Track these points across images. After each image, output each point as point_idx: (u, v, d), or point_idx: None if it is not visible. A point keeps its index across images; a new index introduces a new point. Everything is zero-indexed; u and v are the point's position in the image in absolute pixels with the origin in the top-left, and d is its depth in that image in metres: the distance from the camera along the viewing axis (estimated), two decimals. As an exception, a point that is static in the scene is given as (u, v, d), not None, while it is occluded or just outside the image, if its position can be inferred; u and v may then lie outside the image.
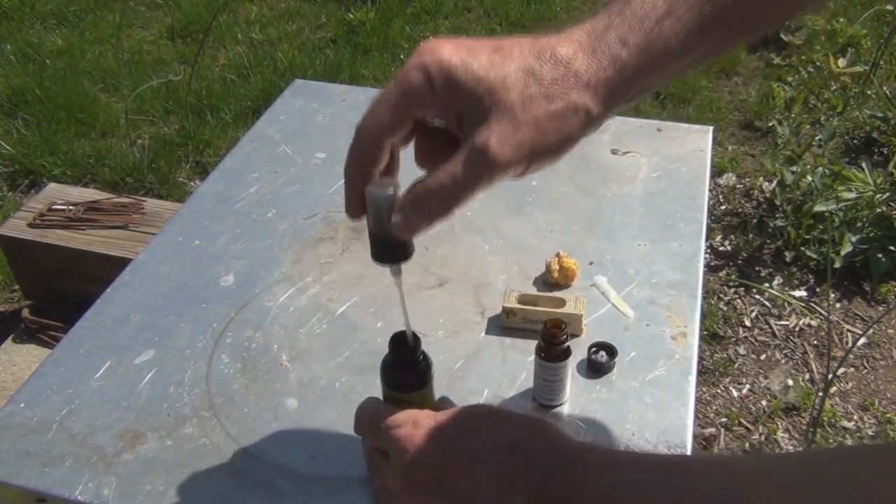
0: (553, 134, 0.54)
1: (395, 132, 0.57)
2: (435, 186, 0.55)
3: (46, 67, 3.15)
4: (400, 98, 0.56)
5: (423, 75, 0.55)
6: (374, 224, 0.61)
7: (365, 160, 0.58)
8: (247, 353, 0.91)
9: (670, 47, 0.55)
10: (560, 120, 0.54)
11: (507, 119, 0.53)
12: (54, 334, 1.87)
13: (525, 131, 0.54)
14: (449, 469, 0.62)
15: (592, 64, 0.54)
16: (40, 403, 0.86)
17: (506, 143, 0.53)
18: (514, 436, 0.62)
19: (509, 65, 0.54)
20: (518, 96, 0.53)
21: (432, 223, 0.57)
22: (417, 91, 0.55)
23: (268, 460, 0.79)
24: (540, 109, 0.53)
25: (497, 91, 0.53)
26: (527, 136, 0.54)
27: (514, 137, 0.53)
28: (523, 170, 0.56)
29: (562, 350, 0.80)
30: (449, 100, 0.55)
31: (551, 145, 0.55)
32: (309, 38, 3.43)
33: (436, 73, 0.55)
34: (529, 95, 0.53)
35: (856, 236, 2.24)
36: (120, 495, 0.76)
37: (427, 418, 0.65)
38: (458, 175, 0.55)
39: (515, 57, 0.55)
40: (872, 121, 2.77)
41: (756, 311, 2.19)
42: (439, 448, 0.63)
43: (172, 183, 2.62)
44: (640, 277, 0.99)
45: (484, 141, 0.54)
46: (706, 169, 1.18)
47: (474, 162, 0.54)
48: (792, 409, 1.93)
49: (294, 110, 1.34)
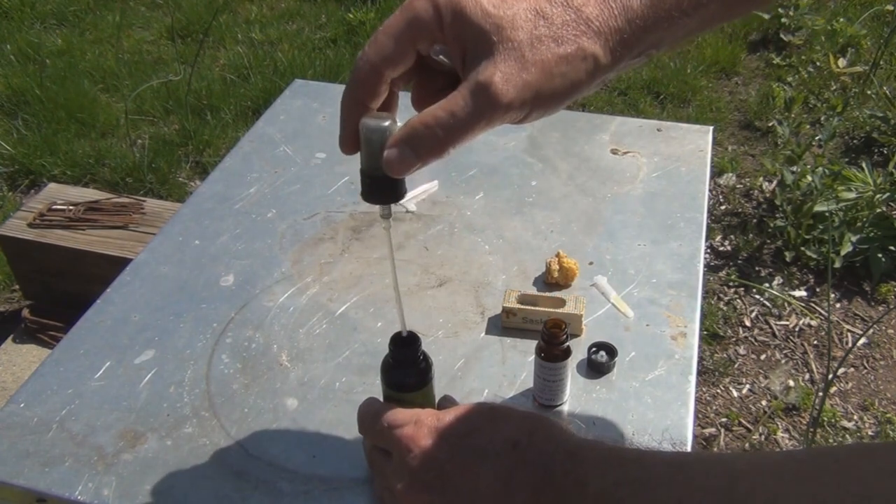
0: (559, 78, 0.52)
1: (396, 63, 0.55)
2: (431, 121, 0.53)
3: (46, 67, 3.15)
4: (405, 27, 0.54)
5: (430, 5, 0.53)
6: (367, 159, 0.58)
7: (362, 91, 0.56)
8: (247, 353, 0.91)
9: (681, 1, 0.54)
10: (568, 64, 0.52)
11: (514, 58, 0.51)
12: (54, 334, 1.87)
13: (532, 72, 0.52)
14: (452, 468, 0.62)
15: (604, 11, 0.53)
16: (40, 403, 0.86)
17: (511, 81, 0.52)
18: (516, 434, 0.62)
19: (520, 4, 0.52)
20: (527, 36, 0.52)
21: (426, 161, 0.55)
22: (424, 21, 0.53)
23: (268, 460, 0.79)
24: (548, 51, 0.52)
25: (505, 28, 0.52)
26: (533, 76, 0.52)
27: (520, 77, 0.52)
28: (525, 114, 0.54)
29: (562, 350, 0.80)
30: (455, 32, 0.53)
31: (557, 90, 0.53)
32: (309, 38, 3.43)
33: (444, 4, 0.53)
34: (538, 36, 0.52)
35: (856, 236, 2.24)
36: (120, 495, 0.76)
37: (429, 417, 0.65)
38: (458, 111, 0.52)
39: None
40: (872, 121, 2.77)
41: (756, 311, 2.19)
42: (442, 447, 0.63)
43: (172, 183, 2.63)
44: (640, 277, 0.99)
45: (488, 77, 0.52)
46: (706, 169, 1.18)
47: (476, 98, 0.52)
48: (792, 409, 1.93)
49: (294, 110, 1.34)
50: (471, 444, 0.63)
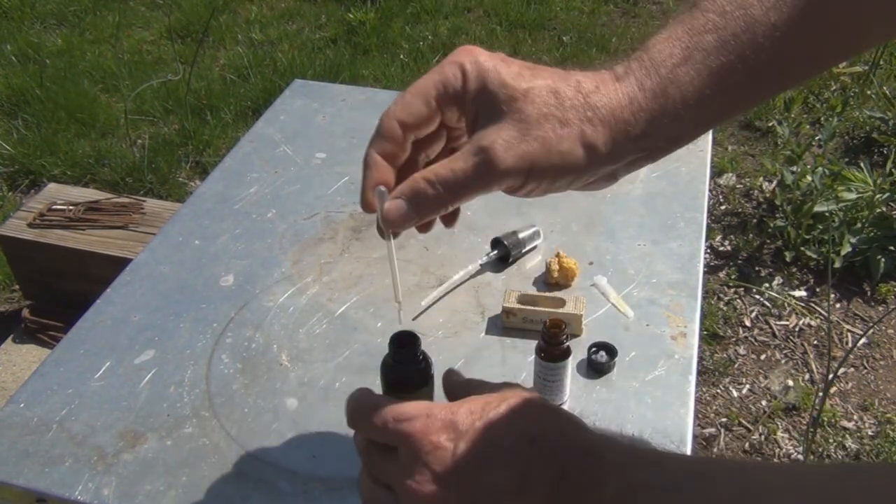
0: (557, 156, 0.55)
1: (419, 121, 0.57)
2: (433, 177, 0.56)
3: (46, 67, 3.15)
4: (432, 88, 0.56)
5: (459, 72, 0.56)
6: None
7: (385, 147, 0.58)
8: (247, 353, 0.91)
9: (685, 95, 0.55)
10: (567, 145, 0.55)
11: (518, 129, 0.54)
12: (54, 334, 1.87)
13: (532, 144, 0.54)
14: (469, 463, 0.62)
15: (612, 101, 0.55)
16: (40, 403, 0.86)
17: (510, 150, 0.54)
18: (532, 428, 0.62)
19: (537, 80, 0.55)
20: (536, 111, 0.54)
21: (424, 217, 0.57)
22: (451, 84, 0.56)
23: (268, 460, 0.79)
24: (552, 130, 0.54)
25: (518, 100, 0.55)
26: (532, 149, 0.54)
27: (520, 147, 0.54)
28: (521, 183, 0.56)
29: (562, 350, 0.80)
30: (473, 97, 0.56)
31: (554, 166, 0.55)
32: (309, 38, 3.43)
33: (471, 71, 0.56)
34: (546, 114, 0.54)
35: (856, 236, 2.24)
36: (120, 495, 0.76)
37: (442, 411, 0.64)
38: (458, 170, 0.55)
39: (545, 76, 0.56)
40: (872, 121, 2.77)
41: (756, 311, 2.19)
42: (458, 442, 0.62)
43: (172, 183, 2.62)
44: (640, 277, 0.99)
45: (490, 142, 0.54)
46: (706, 169, 1.18)
47: (476, 160, 0.55)
48: (792, 409, 1.93)
49: (294, 110, 1.34)
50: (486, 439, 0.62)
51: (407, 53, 3.28)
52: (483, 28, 3.51)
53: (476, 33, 3.46)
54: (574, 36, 3.42)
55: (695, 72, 0.55)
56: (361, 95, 1.38)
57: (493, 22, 3.54)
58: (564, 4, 3.66)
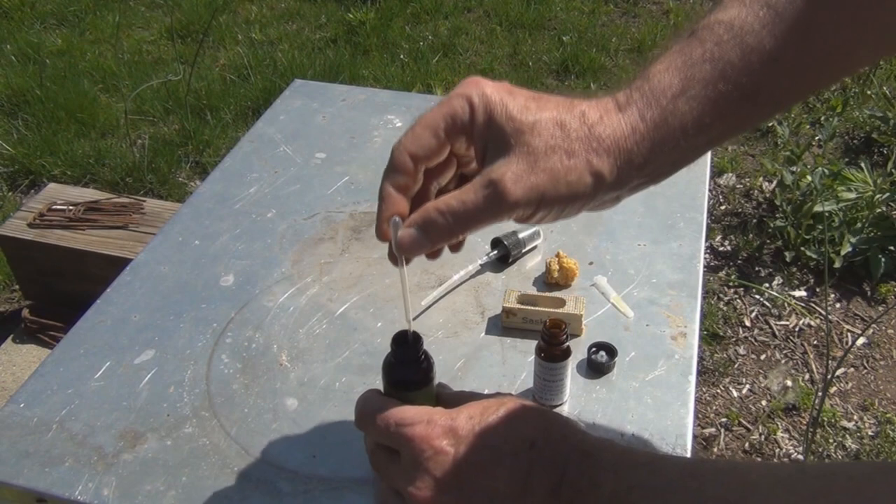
0: (564, 187, 0.57)
1: (430, 153, 0.60)
2: (445, 208, 0.58)
3: (46, 67, 3.15)
4: (441, 121, 0.59)
5: (467, 104, 0.58)
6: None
7: (399, 178, 0.60)
8: (247, 353, 0.91)
9: (685, 123, 0.57)
10: (574, 175, 0.57)
11: (527, 161, 0.56)
12: (54, 334, 1.87)
13: (540, 176, 0.56)
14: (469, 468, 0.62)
15: (616, 131, 0.57)
16: (40, 403, 0.86)
17: (520, 182, 0.56)
18: (531, 433, 0.63)
19: (542, 112, 0.58)
20: (543, 144, 0.57)
21: (436, 244, 0.60)
22: (459, 117, 0.58)
23: (268, 460, 0.79)
24: (559, 161, 0.57)
25: (525, 133, 0.57)
26: (540, 180, 0.56)
27: (529, 179, 0.56)
28: (531, 213, 0.58)
29: (562, 350, 0.80)
30: (481, 131, 0.58)
31: (562, 196, 0.57)
32: (309, 38, 3.43)
33: (478, 104, 0.58)
34: (553, 146, 0.57)
35: (856, 236, 2.24)
36: (120, 495, 0.76)
37: (442, 416, 0.65)
38: (469, 202, 0.57)
39: (550, 108, 0.58)
40: (872, 121, 2.77)
41: (756, 311, 2.19)
42: (459, 447, 0.63)
43: (172, 183, 2.63)
44: (640, 277, 1.00)
45: (500, 176, 0.57)
46: (706, 169, 1.18)
47: (487, 192, 0.57)
48: (792, 409, 1.93)
49: (294, 110, 1.34)
50: (486, 443, 0.63)
51: (407, 53, 3.28)
52: (483, 28, 3.51)
53: (476, 33, 3.46)
54: (574, 36, 3.42)
55: (694, 102, 0.57)
56: (361, 95, 1.38)
57: (493, 22, 3.54)
58: (564, 4, 3.66)
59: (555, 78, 3.19)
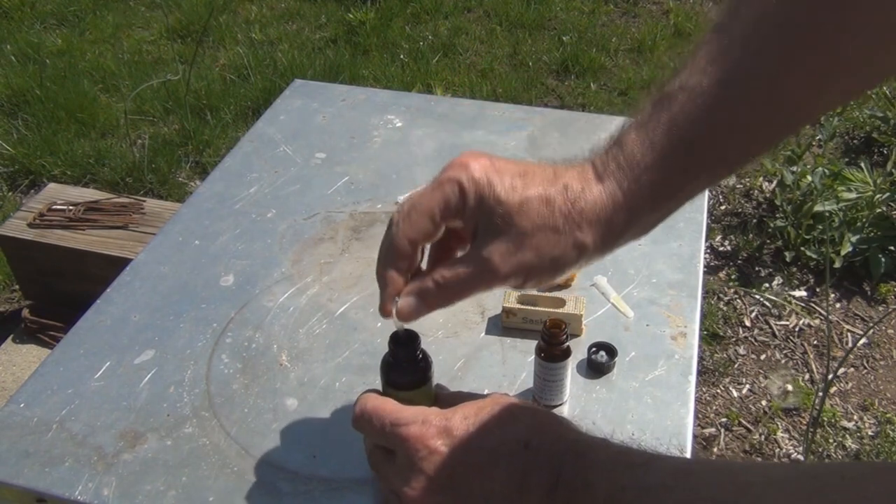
0: (549, 262, 0.62)
1: (428, 237, 0.64)
2: (441, 280, 0.63)
3: (46, 67, 3.15)
4: (435, 208, 0.63)
5: (458, 188, 0.62)
6: None
7: (401, 263, 0.65)
8: (247, 353, 0.91)
9: (659, 192, 0.61)
10: (559, 250, 0.61)
11: (514, 242, 0.61)
12: (54, 334, 1.87)
13: (527, 254, 0.61)
14: (464, 469, 0.62)
15: (598, 203, 0.61)
16: (40, 403, 0.86)
17: (508, 260, 0.61)
18: (526, 434, 0.63)
19: (528, 190, 0.61)
20: (530, 224, 0.61)
21: (432, 311, 0.65)
22: (452, 203, 0.62)
23: (268, 460, 0.79)
24: (545, 239, 0.61)
25: (513, 216, 0.61)
26: (527, 258, 0.61)
27: (516, 257, 0.61)
28: (520, 284, 0.63)
29: (562, 350, 0.80)
30: (475, 213, 0.63)
31: (547, 269, 0.62)
32: (309, 38, 3.43)
33: (469, 189, 0.62)
34: (539, 225, 0.61)
35: (856, 236, 2.24)
36: (120, 495, 0.76)
37: (437, 417, 0.65)
38: (461, 277, 0.63)
39: (536, 184, 0.61)
40: (872, 121, 2.77)
41: (756, 311, 2.19)
42: (453, 448, 0.63)
43: (172, 183, 2.63)
44: (640, 277, 1.00)
45: (490, 254, 0.61)
46: (706, 169, 1.18)
47: (477, 269, 0.62)
48: (792, 409, 1.93)
49: (294, 110, 1.34)
50: (482, 444, 0.63)
51: (407, 53, 3.28)
52: (483, 28, 3.51)
53: (476, 33, 3.46)
54: (574, 36, 3.42)
55: (667, 171, 0.60)
56: (361, 95, 1.38)
57: (493, 22, 3.54)
58: (564, 4, 3.66)
59: (555, 78, 3.19)
